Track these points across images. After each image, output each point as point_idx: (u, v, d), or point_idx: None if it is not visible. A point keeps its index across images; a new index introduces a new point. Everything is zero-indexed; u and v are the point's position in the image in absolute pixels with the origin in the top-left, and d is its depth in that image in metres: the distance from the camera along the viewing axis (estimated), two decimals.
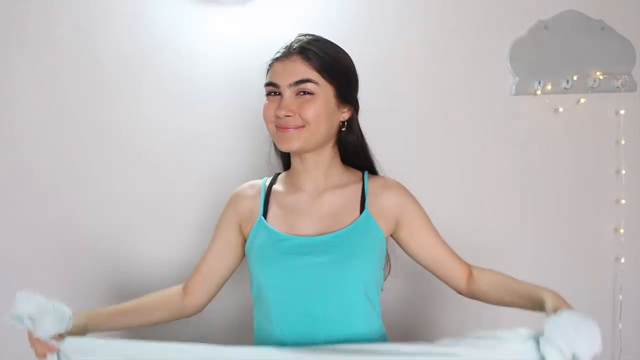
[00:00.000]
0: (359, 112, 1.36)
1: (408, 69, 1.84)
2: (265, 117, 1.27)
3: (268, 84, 1.27)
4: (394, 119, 1.83)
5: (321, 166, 1.31)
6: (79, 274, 1.68)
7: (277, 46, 1.53)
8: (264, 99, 1.27)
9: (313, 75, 1.23)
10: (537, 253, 2.00)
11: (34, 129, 1.63)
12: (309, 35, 1.28)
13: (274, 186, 1.35)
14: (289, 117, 1.22)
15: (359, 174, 1.37)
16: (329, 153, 1.32)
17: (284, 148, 1.25)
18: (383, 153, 1.81)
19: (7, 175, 1.62)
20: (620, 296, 2.05)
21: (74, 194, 1.66)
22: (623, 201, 2.04)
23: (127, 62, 1.65)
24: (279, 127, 1.24)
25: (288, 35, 1.28)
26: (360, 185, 1.33)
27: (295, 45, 1.25)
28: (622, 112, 2.02)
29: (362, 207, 1.29)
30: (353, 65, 1.32)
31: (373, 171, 1.41)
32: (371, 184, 1.34)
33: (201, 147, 1.71)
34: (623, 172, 2.03)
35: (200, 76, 1.68)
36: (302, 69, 1.23)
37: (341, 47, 1.30)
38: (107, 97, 1.65)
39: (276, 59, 1.27)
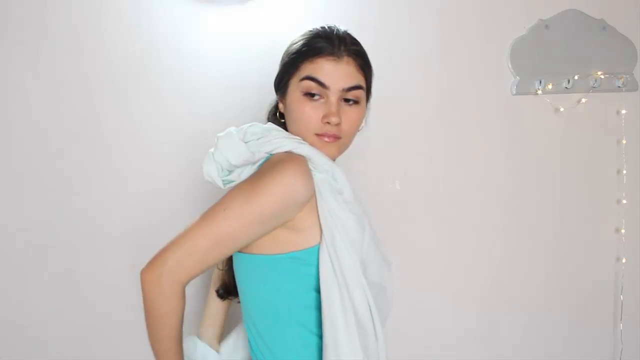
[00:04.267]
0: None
1: (409, 69, 1.84)
2: (306, 122, 1.12)
3: (312, 79, 1.12)
4: (395, 119, 1.83)
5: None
6: (78, 274, 1.68)
7: (277, 46, 1.47)
8: (296, 98, 1.14)
9: (362, 81, 1.15)
10: (538, 253, 1.99)
11: (34, 129, 1.62)
12: (343, 30, 1.18)
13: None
14: (337, 126, 1.12)
15: None
16: None
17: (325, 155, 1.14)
18: (383, 153, 1.82)
19: (7, 174, 1.62)
20: (621, 296, 2.05)
21: (73, 193, 1.65)
22: (624, 201, 2.03)
23: (126, 61, 1.64)
24: (325, 134, 1.12)
25: (288, 35, 1.19)
26: None
27: (348, 46, 1.14)
28: (624, 111, 2.01)
29: None
30: None
31: None
32: None
33: (201, 147, 1.70)
34: (624, 172, 2.02)
35: (200, 76, 1.68)
36: (354, 74, 1.13)
37: None
38: (106, 96, 1.65)
39: (323, 56, 1.12)
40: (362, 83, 1.15)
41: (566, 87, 1.94)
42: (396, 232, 1.82)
